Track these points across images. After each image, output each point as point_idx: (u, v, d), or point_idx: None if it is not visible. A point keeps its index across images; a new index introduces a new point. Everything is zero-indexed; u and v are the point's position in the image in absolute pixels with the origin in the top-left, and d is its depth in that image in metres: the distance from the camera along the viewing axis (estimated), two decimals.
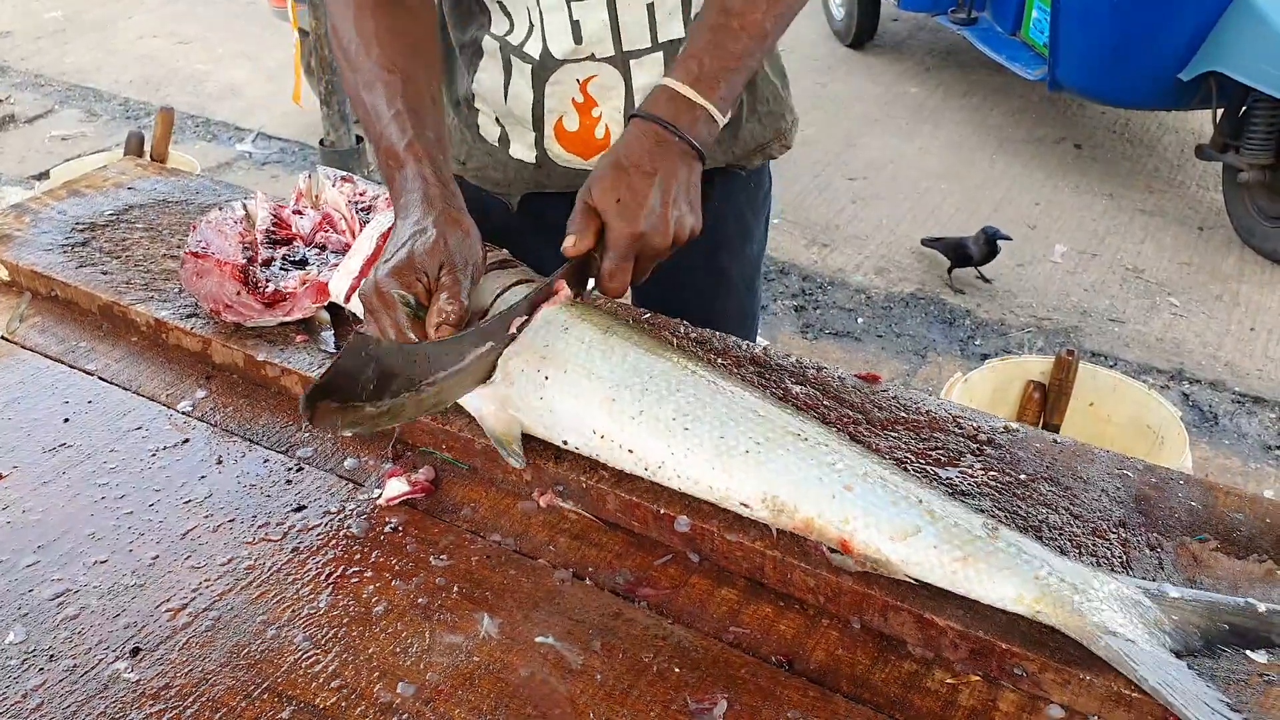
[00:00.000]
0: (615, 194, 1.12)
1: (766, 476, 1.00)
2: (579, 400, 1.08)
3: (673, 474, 1.04)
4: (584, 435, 1.08)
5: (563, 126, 1.44)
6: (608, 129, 1.43)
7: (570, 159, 1.47)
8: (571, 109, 1.42)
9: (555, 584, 1.02)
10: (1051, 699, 0.91)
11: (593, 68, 1.38)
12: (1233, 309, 3.82)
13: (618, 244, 1.12)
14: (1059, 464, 1.12)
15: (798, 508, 0.99)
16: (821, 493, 0.98)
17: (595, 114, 1.42)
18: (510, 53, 1.39)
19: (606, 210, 1.13)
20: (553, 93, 1.41)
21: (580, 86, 1.40)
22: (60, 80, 5.86)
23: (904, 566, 0.95)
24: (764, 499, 1.00)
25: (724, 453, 1.02)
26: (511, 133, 1.48)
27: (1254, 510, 1.07)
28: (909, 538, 0.95)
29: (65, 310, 1.40)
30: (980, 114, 5.29)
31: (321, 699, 0.90)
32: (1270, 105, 3.84)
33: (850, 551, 0.97)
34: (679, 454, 1.04)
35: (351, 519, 1.08)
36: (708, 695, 0.90)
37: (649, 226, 1.12)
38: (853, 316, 3.81)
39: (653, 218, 1.12)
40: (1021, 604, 0.92)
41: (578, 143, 1.45)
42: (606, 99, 1.41)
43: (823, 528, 0.98)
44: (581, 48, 1.36)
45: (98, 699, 0.90)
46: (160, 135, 2.86)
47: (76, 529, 1.07)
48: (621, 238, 1.12)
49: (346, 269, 1.26)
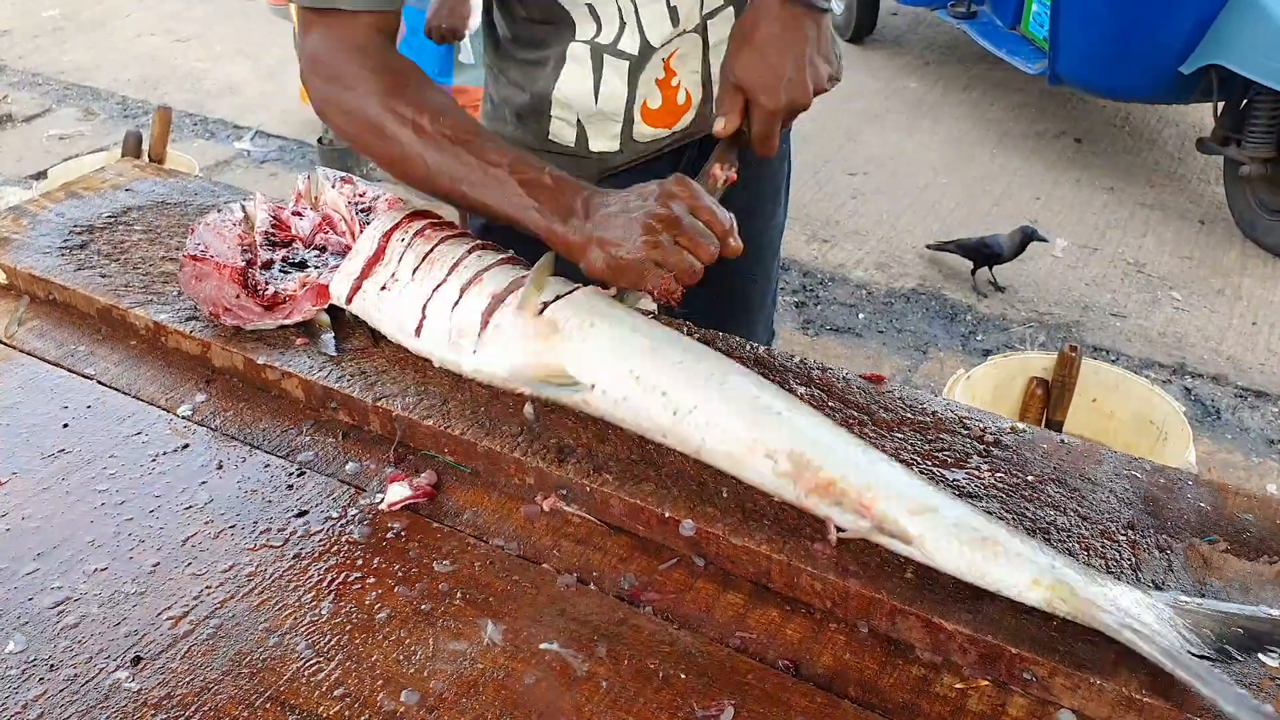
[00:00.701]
0: (755, 71, 1.21)
1: (795, 434, 1.02)
2: (623, 344, 1.10)
3: (702, 420, 1.05)
4: (618, 377, 1.09)
5: (647, 107, 1.47)
6: (688, 93, 1.48)
7: (655, 134, 1.51)
8: (655, 88, 1.45)
9: (559, 589, 1.01)
10: (1062, 704, 0.90)
11: (678, 41, 1.42)
12: (1235, 303, 3.82)
13: (766, 117, 1.23)
14: (1066, 465, 1.11)
15: (823, 466, 0.99)
16: (847, 457, 1.00)
17: (675, 83, 1.47)
18: (603, 53, 1.40)
19: (751, 87, 1.22)
20: (644, 81, 1.44)
21: (664, 63, 1.44)
22: (58, 79, 5.85)
23: (921, 541, 0.95)
24: (790, 453, 1.01)
25: (758, 408, 1.05)
26: (592, 129, 1.49)
27: (1264, 511, 1.06)
28: (928, 514, 0.95)
29: (64, 314, 1.39)
30: (980, 108, 5.28)
31: (325, 708, 0.89)
32: (1271, 98, 3.83)
33: (870, 515, 0.96)
34: (714, 400, 1.05)
35: (353, 524, 1.07)
36: (714, 702, 0.89)
37: (790, 95, 1.22)
38: (854, 312, 3.80)
39: (792, 85, 1.21)
40: (1037, 589, 0.91)
41: (663, 116, 1.49)
42: (684, 64, 1.45)
43: (844, 489, 0.98)
44: (678, 28, 1.39)
45: (99, 709, 0.89)
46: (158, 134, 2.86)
47: (77, 536, 1.06)
48: (768, 111, 1.22)
49: (347, 270, 1.25)
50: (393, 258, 1.22)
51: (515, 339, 1.14)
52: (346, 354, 1.25)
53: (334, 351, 1.25)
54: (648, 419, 1.08)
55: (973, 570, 0.93)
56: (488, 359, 1.15)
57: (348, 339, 1.28)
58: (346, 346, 1.27)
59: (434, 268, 1.20)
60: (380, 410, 1.17)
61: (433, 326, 1.18)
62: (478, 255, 1.22)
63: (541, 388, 1.12)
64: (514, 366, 1.14)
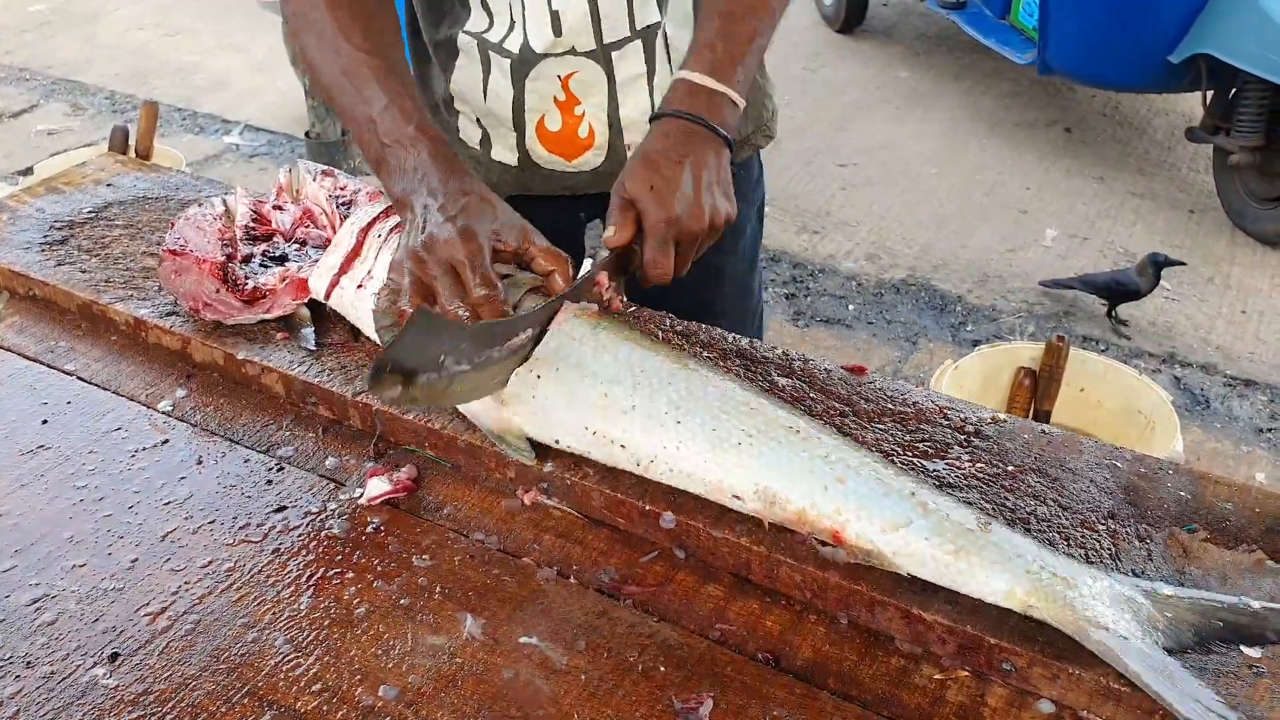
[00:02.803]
0: (648, 182, 1.14)
1: (759, 468, 1.00)
2: (572, 398, 1.07)
3: (665, 468, 1.03)
4: (576, 433, 1.07)
5: (544, 126, 1.42)
6: (591, 128, 1.42)
7: (554, 160, 1.45)
8: (554, 107, 1.40)
9: (539, 583, 1.00)
10: (1041, 694, 0.90)
11: (574, 63, 1.36)
12: (1224, 292, 3.82)
13: (655, 230, 1.14)
14: (1047, 455, 1.11)
15: (790, 499, 0.98)
16: (814, 484, 0.98)
17: (578, 112, 1.40)
18: (489, 49, 1.37)
19: (640, 198, 1.14)
20: (533, 89, 1.39)
21: (562, 83, 1.38)
22: (46, 74, 5.82)
23: (895, 558, 0.94)
24: (756, 491, 0.99)
25: (717, 445, 1.01)
26: (493, 134, 1.47)
27: (1243, 500, 1.06)
28: (901, 529, 0.94)
29: (43, 309, 1.38)
30: (971, 98, 5.28)
31: (303, 703, 0.89)
32: (1260, 87, 3.82)
33: (842, 543, 0.96)
34: (671, 448, 1.03)
35: (333, 519, 1.07)
36: (694, 694, 0.89)
37: (683, 210, 1.14)
38: (844, 303, 3.80)
39: (686, 202, 1.14)
40: (1013, 599, 0.91)
41: (561, 143, 1.43)
42: (589, 95, 1.39)
43: (815, 519, 0.97)
44: (561, 40, 1.34)
45: (75, 706, 0.88)
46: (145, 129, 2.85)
47: (55, 532, 1.06)
48: (659, 223, 1.14)
49: (326, 265, 1.24)
50: (369, 254, 1.22)
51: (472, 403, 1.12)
52: (326, 349, 1.25)
53: (314, 346, 1.25)
54: (620, 464, 1.06)
55: (949, 580, 0.93)
56: None
57: (328, 334, 1.27)
58: (326, 341, 1.26)
59: None
60: (360, 405, 1.17)
61: None
62: None
63: (494, 439, 1.10)
64: (471, 411, 1.12)
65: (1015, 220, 4.24)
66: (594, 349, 1.09)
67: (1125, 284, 3.52)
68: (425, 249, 1.09)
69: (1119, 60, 4.19)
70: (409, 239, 1.12)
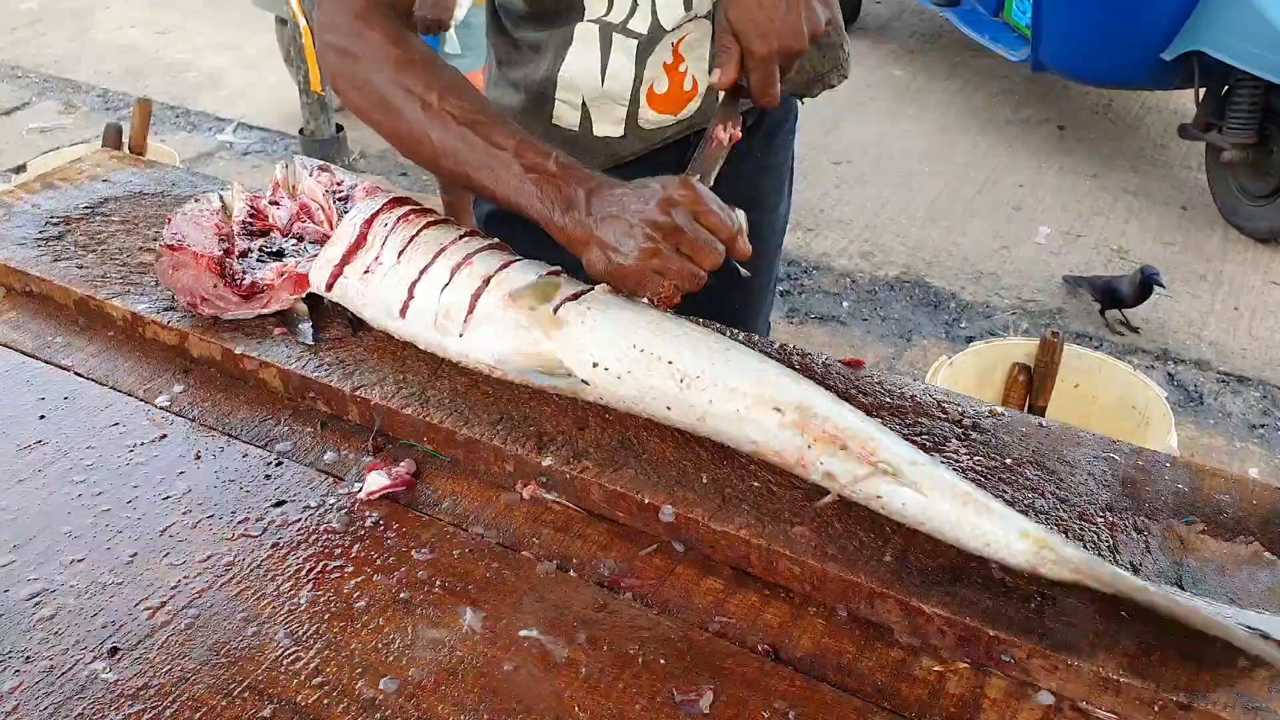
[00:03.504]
0: (747, 15, 1.18)
1: (804, 392, 1.05)
2: (623, 321, 1.11)
3: (710, 382, 1.06)
4: (621, 351, 1.10)
5: (654, 91, 1.46)
6: (694, 80, 1.48)
7: (660, 120, 1.50)
8: (663, 73, 1.45)
9: (539, 576, 1.01)
10: (1040, 685, 0.90)
11: (690, 26, 1.42)
12: (1217, 288, 3.83)
13: (763, 63, 1.19)
14: (1045, 448, 1.11)
15: (829, 417, 1.02)
16: (852, 415, 1.03)
17: (682, 69, 1.46)
18: (611, 32, 1.39)
19: (744, 32, 1.19)
20: (652, 64, 1.43)
21: (674, 48, 1.43)
22: (37, 72, 5.81)
23: (917, 486, 0.97)
24: (798, 405, 1.03)
25: (763, 372, 1.07)
26: (597, 111, 1.48)
27: (1240, 492, 1.06)
28: (925, 465, 0.98)
29: (40, 305, 1.38)
30: (964, 96, 5.29)
31: (303, 696, 0.89)
32: (1252, 84, 3.84)
33: (873, 460, 0.99)
34: (719, 365, 1.07)
35: (332, 513, 1.07)
36: (694, 687, 0.89)
37: (785, 37, 1.19)
38: (838, 300, 3.80)
39: (787, 28, 1.19)
40: (1027, 538, 0.92)
41: (669, 102, 1.48)
42: (692, 51, 1.45)
43: (849, 439, 1.00)
44: (690, 11, 1.39)
45: (75, 700, 0.88)
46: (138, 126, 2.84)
47: (53, 527, 1.05)
48: (762, 57, 1.19)
49: (326, 257, 1.24)
50: (375, 243, 1.22)
51: (506, 326, 1.13)
52: (325, 343, 1.25)
53: (312, 341, 1.25)
54: (652, 390, 1.08)
55: (964, 521, 0.95)
56: (475, 343, 1.15)
57: (326, 328, 1.27)
58: (325, 336, 1.26)
59: (419, 251, 1.20)
60: (359, 399, 1.17)
61: (420, 308, 1.18)
62: (465, 240, 1.21)
63: (534, 376, 1.13)
64: (502, 353, 1.14)
65: (1008, 217, 4.26)
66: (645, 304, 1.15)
67: (1115, 289, 3.58)
68: (662, 210, 1.10)
69: (1112, 57, 4.20)
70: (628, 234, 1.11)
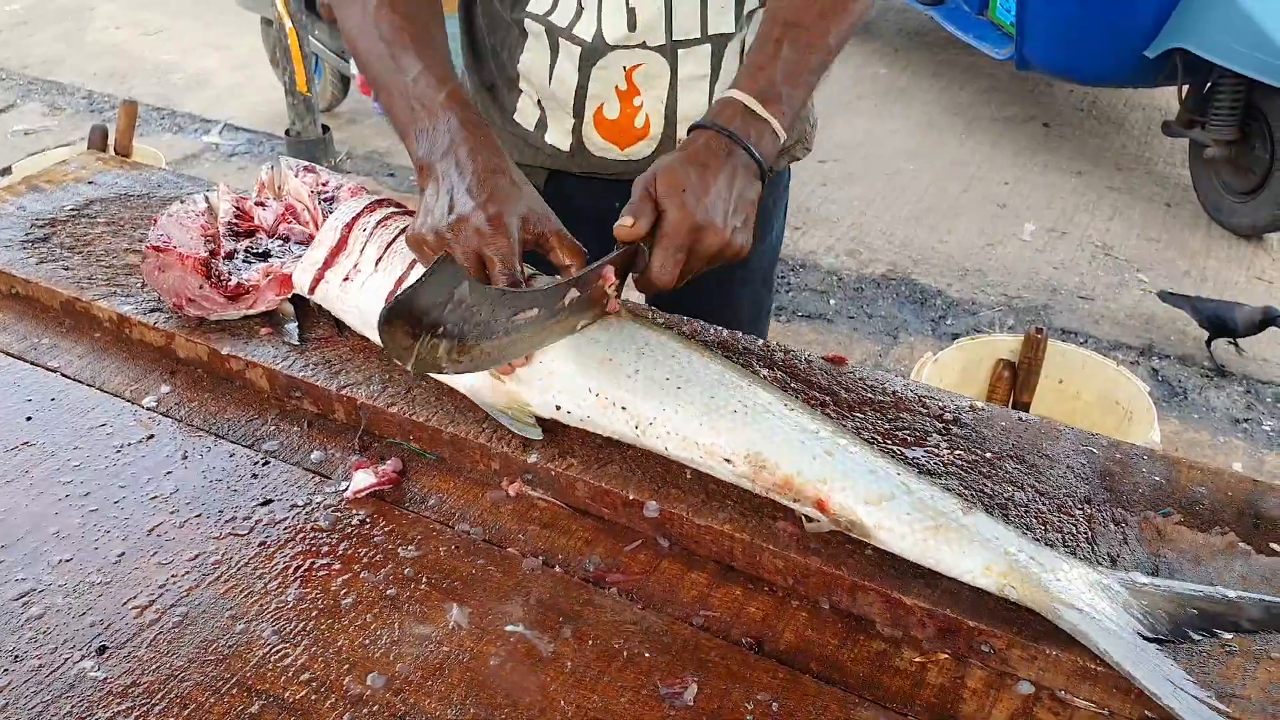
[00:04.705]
0: (680, 185, 1.10)
1: (751, 435, 1.03)
2: (577, 361, 1.10)
3: (662, 430, 1.06)
4: (578, 395, 1.10)
5: (603, 114, 1.44)
6: (647, 118, 1.44)
7: (606, 148, 1.47)
8: (614, 96, 1.42)
9: (525, 572, 1.01)
10: (1019, 675, 0.91)
11: (642, 55, 1.38)
12: (1201, 284, 3.86)
13: (675, 233, 1.10)
14: (1025, 442, 1.13)
15: (779, 465, 1.01)
16: (802, 454, 1.01)
17: (636, 103, 1.43)
18: (558, 35, 1.38)
19: (667, 197, 1.10)
20: (598, 78, 1.40)
21: (626, 74, 1.40)
22: (22, 74, 5.79)
23: (876, 531, 0.96)
24: (747, 455, 1.02)
25: (712, 411, 1.05)
26: (551, 117, 1.48)
27: (1216, 484, 1.08)
28: (884, 503, 0.97)
29: (26, 307, 1.38)
30: (949, 94, 5.31)
31: (291, 692, 0.89)
32: (1234, 81, 3.87)
33: (826, 511, 0.98)
34: (670, 410, 1.06)
35: (319, 512, 1.08)
36: (678, 679, 0.90)
37: (706, 221, 1.10)
38: (824, 298, 3.82)
39: (713, 213, 1.10)
40: (989, 576, 0.92)
41: (616, 131, 1.45)
42: (650, 88, 1.41)
43: (801, 486, 0.99)
44: (635, 34, 1.36)
45: (64, 699, 0.89)
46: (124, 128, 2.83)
47: (41, 527, 1.06)
48: (680, 227, 1.10)
49: (310, 260, 1.25)
50: (355, 248, 1.22)
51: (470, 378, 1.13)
52: (310, 343, 1.25)
53: (298, 341, 1.25)
54: (613, 432, 1.09)
55: (927, 558, 0.95)
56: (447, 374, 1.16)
57: (312, 328, 1.28)
58: (310, 336, 1.27)
59: (395, 259, 1.20)
60: (345, 399, 1.18)
61: None
62: None
63: (501, 418, 1.12)
64: (472, 386, 1.14)
65: (993, 215, 4.28)
66: (601, 324, 1.13)
67: (1225, 319, 3.31)
68: (452, 232, 1.08)
69: (1095, 55, 4.23)
70: (433, 213, 1.10)
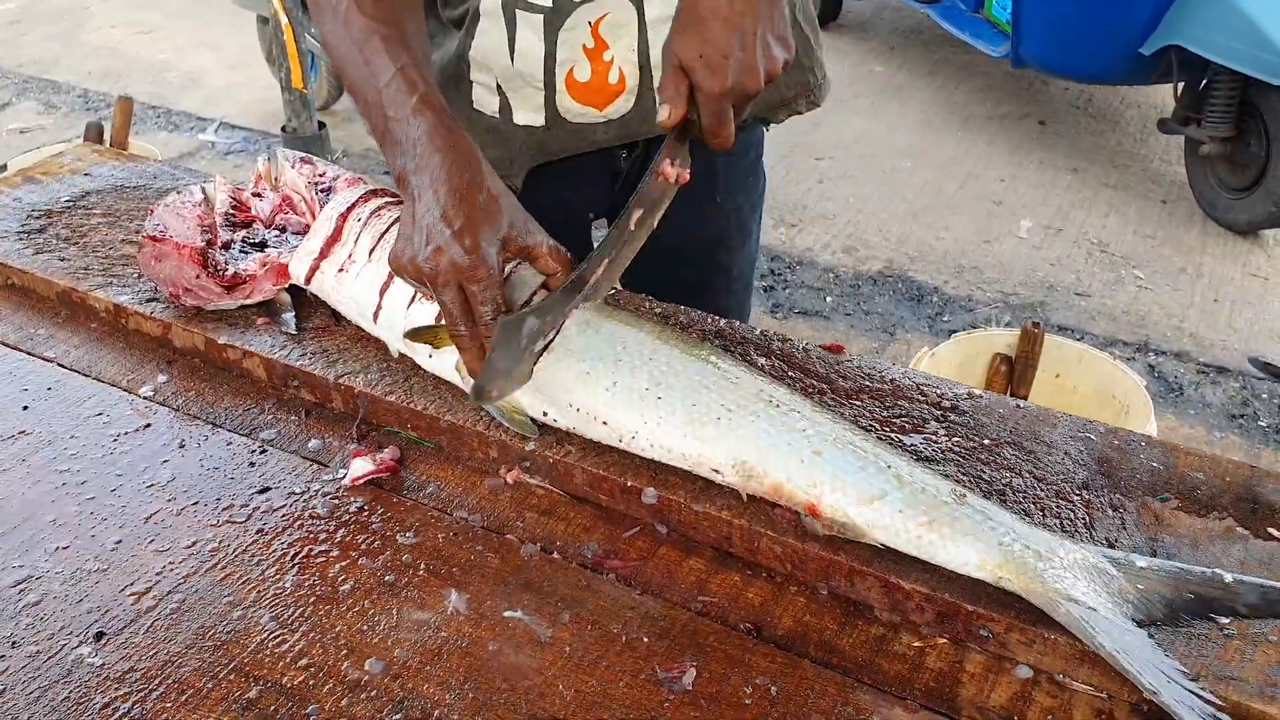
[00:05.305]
0: (697, 49, 1.08)
1: (736, 443, 1.02)
2: (555, 374, 1.09)
3: (646, 443, 1.05)
4: (562, 408, 1.09)
5: (574, 78, 1.38)
6: (621, 72, 1.39)
7: (584, 112, 1.42)
8: (582, 57, 1.36)
9: (523, 559, 1.01)
10: (1018, 659, 0.92)
11: (607, 4, 1.33)
12: (1196, 281, 3.86)
13: (711, 100, 1.09)
14: (1022, 428, 1.13)
15: (767, 472, 1.00)
16: (790, 458, 1.00)
17: (607, 57, 1.37)
18: (515, 8, 1.33)
19: (693, 67, 1.08)
20: (565, 40, 1.35)
21: (591, 29, 1.34)
22: (17, 72, 5.78)
23: (870, 531, 0.96)
24: (734, 465, 1.01)
25: (695, 420, 1.03)
26: (515, 98, 1.42)
27: (1214, 470, 1.08)
28: (875, 502, 0.96)
29: (22, 298, 1.38)
30: (945, 92, 5.31)
31: (289, 678, 0.89)
32: (1230, 78, 3.87)
33: (818, 516, 0.98)
34: (651, 423, 1.05)
35: (317, 499, 1.07)
36: (676, 664, 0.90)
37: (738, 75, 1.08)
38: (821, 295, 3.82)
39: (740, 64, 1.08)
40: (984, 569, 0.92)
41: (591, 92, 1.40)
42: (618, 38, 1.36)
43: (791, 492, 0.99)
44: None
45: (61, 684, 0.89)
46: (119, 125, 2.84)
47: (38, 515, 1.06)
48: (713, 94, 1.08)
49: (306, 250, 1.25)
50: (349, 238, 1.22)
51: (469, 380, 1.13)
52: (307, 333, 1.25)
53: (295, 330, 1.25)
54: (600, 441, 1.09)
55: (922, 553, 0.95)
56: (442, 366, 1.16)
57: (309, 318, 1.28)
58: (307, 325, 1.27)
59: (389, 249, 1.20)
60: (342, 387, 1.18)
61: (389, 319, 1.18)
62: None
63: (495, 414, 1.12)
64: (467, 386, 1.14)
65: (990, 212, 4.28)
66: (578, 326, 1.10)
67: None
68: (430, 265, 1.05)
69: (1091, 53, 4.23)
70: (411, 242, 1.07)
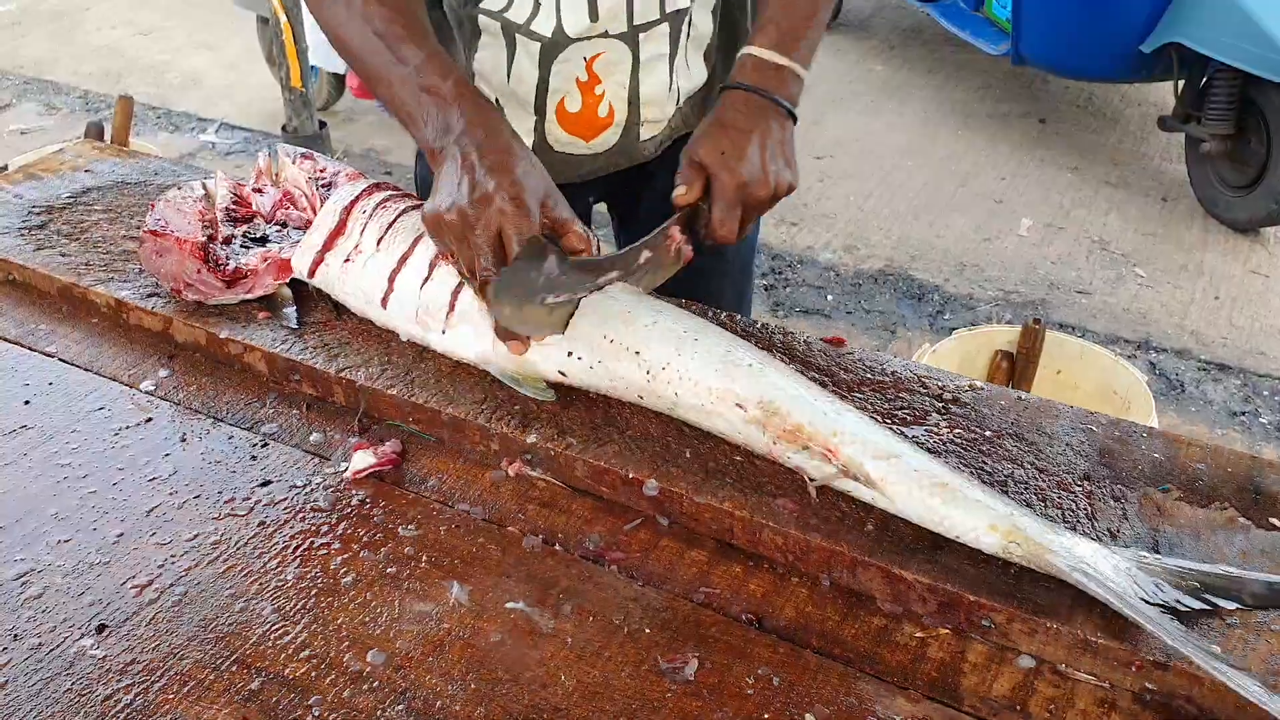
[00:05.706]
0: (719, 148, 1.19)
1: (765, 386, 1.05)
2: (597, 314, 1.12)
3: (675, 375, 1.08)
4: (591, 341, 1.11)
5: (564, 108, 1.42)
6: (611, 107, 1.42)
7: (571, 142, 1.45)
8: (575, 89, 1.40)
9: (525, 551, 1.01)
10: (1020, 649, 0.92)
11: (603, 44, 1.36)
12: (1197, 278, 3.86)
13: (725, 193, 1.18)
14: (1024, 420, 1.13)
15: (790, 413, 1.03)
16: (815, 408, 1.03)
17: (598, 92, 1.41)
18: (515, 31, 1.36)
19: (712, 163, 1.19)
20: (559, 72, 1.38)
21: (587, 65, 1.38)
22: (17, 74, 5.78)
23: (882, 484, 0.97)
24: (759, 402, 1.04)
25: (729, 362, 1.08)
26: (511, 117, 1.42)
27: (1215, 460, 1.08)
28: (891, 459, 0.98)
29: (24, 293, 1.38)
30: (945, 90, 5.31)
31: (291, 669, 0.89)
32: (1230, 75, 3.87)
33: (835, 457, 0.99)
34: (685, 356, 1.08)
35: (318, 492, 1.07)
36: (678, 654, 0.90)
37: (751, 177, 1.19)
38: (822, 294, 3.82)
39: (753, 169, 1.19)
40: (994, 533, 0.93)
41: (579, 124, 1.43)
42: (610, 75, 1.40)
43: (812, 434, 1.01)
44: (597, 24, 1.34)
45: (63, 676, 0.89)
46: (119, 124, 2.84)
47: (39, 509, 1.06)
48: (728, 187, 1.18)
49: (309, 243, 1.25)
50: (355, 230, 1.22)
51: (486, 326, 1.14)
52: (309, 327, 1.25)
53: (296, 324, 1.25)
54: (622, 381, 1.10)
55: (932, 515, 0.95)
56: (457, 341, 1.16)
57: (310, 312, 1.28)
58: (309, 320, 1.27)
59: (397, 238, 1.21)
60: (344, 381, 1.18)
61: (400, 300, 1.19)
62: None
63: (512, 383, 1.14)
64: (483, 351, 1.15)
65: (990, 210, 4.27)
66: (620, 287, 1.14)
67: None
68: (475, 209, 1.07)
69: (1091, 51, 4.23)
70: (455, 191, 1.09)
